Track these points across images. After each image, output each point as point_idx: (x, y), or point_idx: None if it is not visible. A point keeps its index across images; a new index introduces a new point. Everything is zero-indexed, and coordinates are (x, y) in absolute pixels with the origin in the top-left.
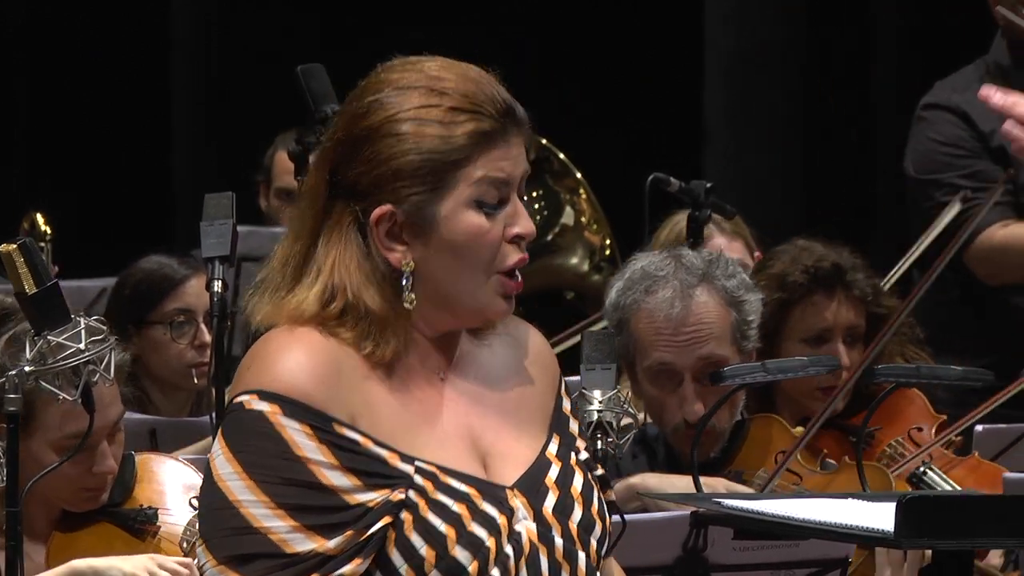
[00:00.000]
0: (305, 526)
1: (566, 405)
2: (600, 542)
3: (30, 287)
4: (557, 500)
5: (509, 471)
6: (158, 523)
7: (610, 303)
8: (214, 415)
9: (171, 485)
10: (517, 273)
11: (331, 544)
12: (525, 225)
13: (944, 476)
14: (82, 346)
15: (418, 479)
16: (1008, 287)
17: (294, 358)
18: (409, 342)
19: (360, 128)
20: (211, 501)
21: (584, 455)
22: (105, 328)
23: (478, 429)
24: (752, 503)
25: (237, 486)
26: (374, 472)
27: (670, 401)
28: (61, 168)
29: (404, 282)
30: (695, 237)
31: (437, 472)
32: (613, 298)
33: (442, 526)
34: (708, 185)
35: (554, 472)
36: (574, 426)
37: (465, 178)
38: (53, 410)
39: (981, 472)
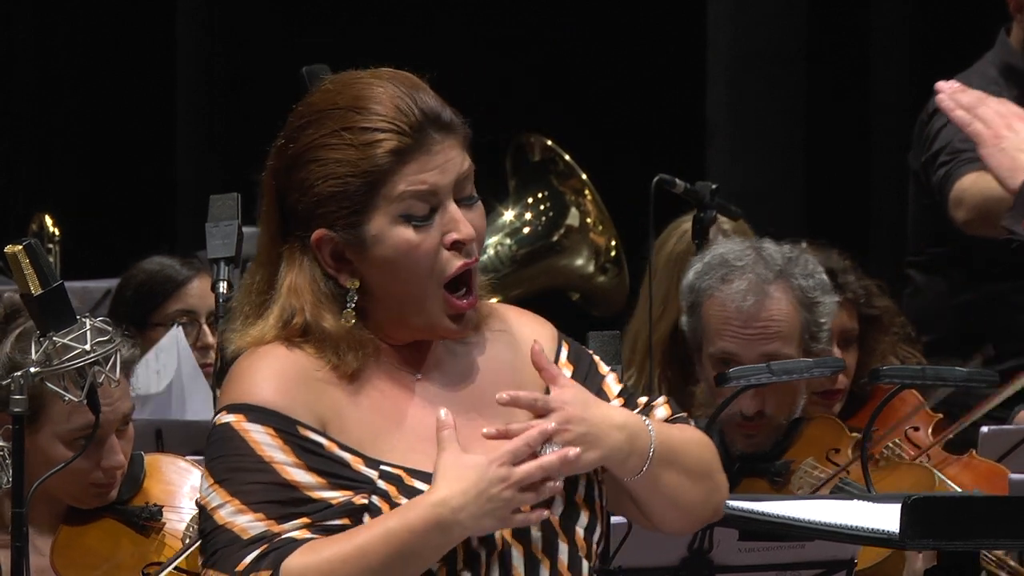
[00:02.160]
0: (266, 515)
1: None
2: (588, 530)
3: (36, 288)
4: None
5: None
6: (162, 520)
7: (686, 284)
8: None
9: (178, 484)
10: (469, 288)
11: (284, 525)
12: (463, 230)
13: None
14: (87, 347)
15: (381, 484)
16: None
17: (259, 372)
18: (378, 348)
19: (287, 157)
20: (199, 520)
21: None
22: (111, 329)
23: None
24: (758, 504)
25: (212, 497)
26: (337, 474)
27: (728, 391)
28: (66, 170)
29: (348, 301)
30: (700, 239)
31: (403, 475)
32: (690, 279)
33: None
34: (713, 186)
35: None
36: None
37: (386, 196)
38: (62, 404)
39: (980, 471)
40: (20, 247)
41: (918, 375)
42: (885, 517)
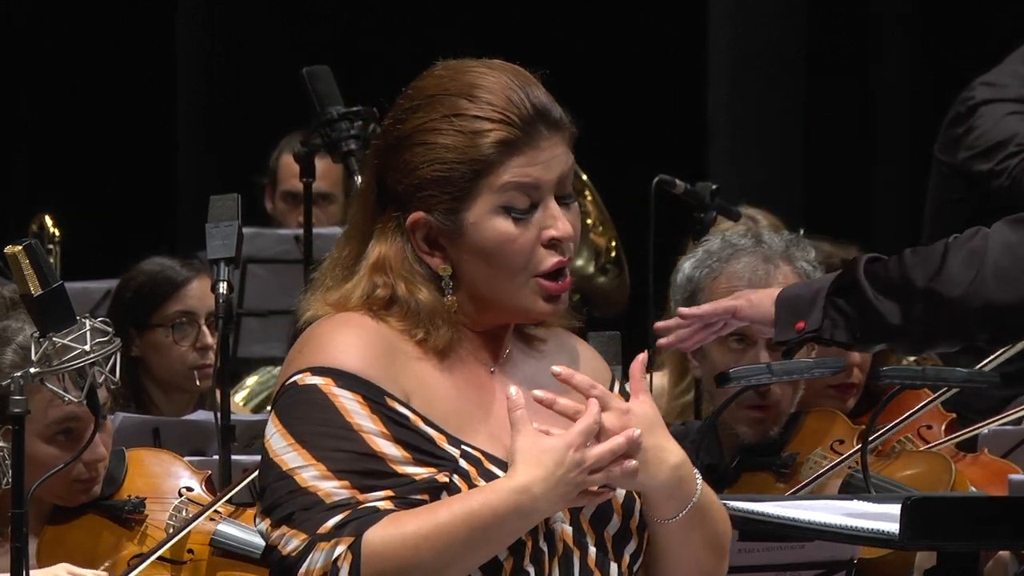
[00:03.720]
0: (351, 484)
1: None
2: (634, 557)
3: (35, 288)
4: (596, 509)
5: None
6: (145, 512)
7: (683, 277)
8: (218, 415)
9: (161, 477)
10: (565, 271)
11: (368, 496)
12: (561, 228)
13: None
14: (87, 347)
15: (463, 463)
16: None
17: (345, 338)
18: (460, 334)
19: (394, 136)
20: (267, 478)
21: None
22: (110, 330)
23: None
24: (757, 505)
25: (290, 456)
26: (423, 449)
27: (727, 393)
28: (66, 171)
29: (444, 288)
30: (700, 239)
31: (482, 459)
32: (687, 271)
33: None
34: (714, 187)
35: None
36: None
37: (490, 186)
38: (37, 399)
39: (991, 469)
40: (20, 247)
41: (918, 376)
42: (885, 517)
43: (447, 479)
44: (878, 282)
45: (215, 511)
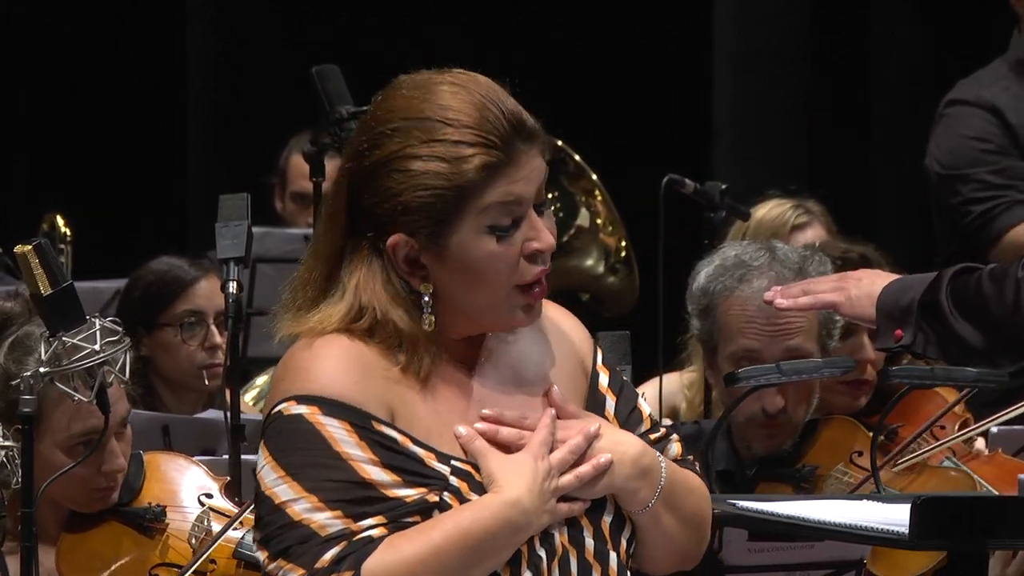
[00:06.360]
0: (343, 513)
1: (603, 381)
2: (629, 542)
3: (45, 288)
4: (593, 501)
5: None
6: (166, 520)
7: (698, 287)
8: (227, 414)
9: (179, 483)
10: (543, 280)
11: (362, 524)
12: (545, 240)
13: (967, 469)
14: (97, 347)
15: (453, 480)
16: None
17: (326, 362)
18: (441, 346)
19: (370, 161)
20: (261, 511)
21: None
22: (120, 329)
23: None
24: (767, 504)
25: (282, 489)
26: (412, 471)
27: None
28: (76, 171)
29: (424, 307)
30: (709, 239)
31: (472, 472)
32: (702, 282)
33: None
34: (723, 187)
35: None
36: (611, 404)
37: (474, 208)
38: (61, 410)
39: (1006, 468)
40: (30, 247)
41: (927, 375)
42: (895, 517)
43: (437, 498)
44: (959, 305)
45: (239, 522)
